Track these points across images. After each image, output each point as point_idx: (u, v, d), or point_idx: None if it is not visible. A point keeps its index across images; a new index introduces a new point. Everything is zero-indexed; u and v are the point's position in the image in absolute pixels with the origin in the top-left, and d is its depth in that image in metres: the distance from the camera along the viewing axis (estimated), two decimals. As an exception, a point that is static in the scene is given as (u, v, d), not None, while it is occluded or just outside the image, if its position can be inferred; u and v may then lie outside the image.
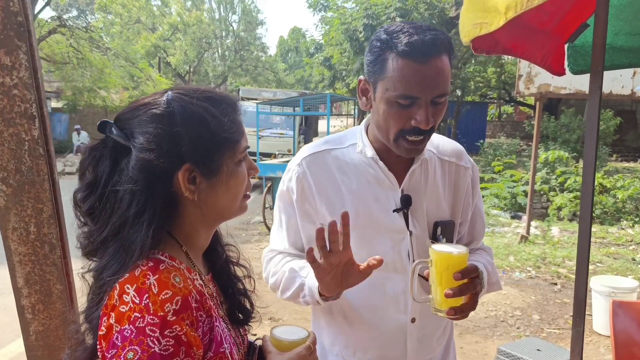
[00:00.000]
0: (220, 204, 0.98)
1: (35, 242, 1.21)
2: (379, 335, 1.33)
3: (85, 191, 0.92)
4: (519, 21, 1.06)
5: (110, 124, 0.93)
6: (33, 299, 1.25)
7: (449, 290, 1.10)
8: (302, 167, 1.34)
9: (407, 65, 1.15)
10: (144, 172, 0.88)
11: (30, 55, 1.09)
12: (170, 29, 36.14)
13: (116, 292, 0.86)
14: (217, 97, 0.97)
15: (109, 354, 0.83)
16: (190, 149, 0.91)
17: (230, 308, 1.08)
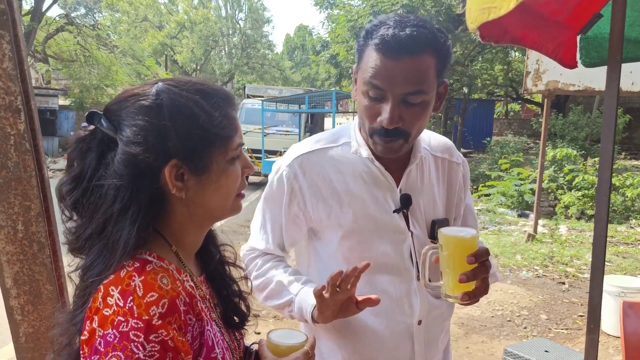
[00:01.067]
0: (210, 203, 0.93)
1: (23, 241, 1.17)
2: (386, 341, 1.28)
3: (70, 184, 0.88)
4: (529, 9, 1.01)
5: (99, 114, 0.88)
6: (22, 299, 1.21)
7: (462, 275, 1.06)
8: (293, 168, 1.29)
9: (377, 57, 1.12)
10: (130, 166, 0.84)
11: (15, 45, 1.05)
12: (177, 26, 36.25)
13: (100, 294, 0.82)
14: (209, 90, 0.91)
15: None
16: (177, 144, 0.86)
17: (224, 311, 1.03)
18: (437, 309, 1.32)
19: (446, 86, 1.23)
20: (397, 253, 1.26)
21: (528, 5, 0.81)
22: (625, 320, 2.72)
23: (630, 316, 2.72)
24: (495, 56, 19.04)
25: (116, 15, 34.53)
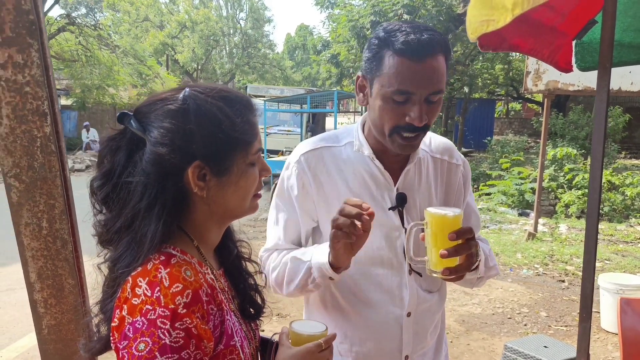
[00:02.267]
0: (229, 202, 0.99)
1: (47, 238, 1.23)
2: (376, 329, 1.34)
3: (101, 180, 0.94)
4: (526, 18, 1.06)
5: (130, 115, 0.94)
6: (45, 293, 1.28)
7: (444, 250, 1.11)
8: (302, 164, 1.35)
9: (402, 62, 1.18)
10: (156, 165, 0.90)
11: (42, 53, 1.11)
12: (178, 26, 36.27)
13: (129, 285, 0.88)
14: (232, 97, 0.98)
15: (121, 345, 0.85)
16: (201, 147, 0.92)
17: (241, 303, 1.10)
18: (426, 303, 1.37)
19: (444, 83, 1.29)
20: (390, 248, 1.32)
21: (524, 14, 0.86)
22: (622, 316, 2.77)
23: (628, 312, 2.77)
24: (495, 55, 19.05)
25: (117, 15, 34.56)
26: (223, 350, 0.94)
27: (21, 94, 1.12)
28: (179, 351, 0.84)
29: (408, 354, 1.36)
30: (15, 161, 1.16)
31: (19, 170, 1.17)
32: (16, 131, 1.15)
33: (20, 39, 1.09)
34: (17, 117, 1.14)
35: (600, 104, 0.90)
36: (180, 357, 0.84)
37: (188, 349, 0.85)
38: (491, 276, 1.44)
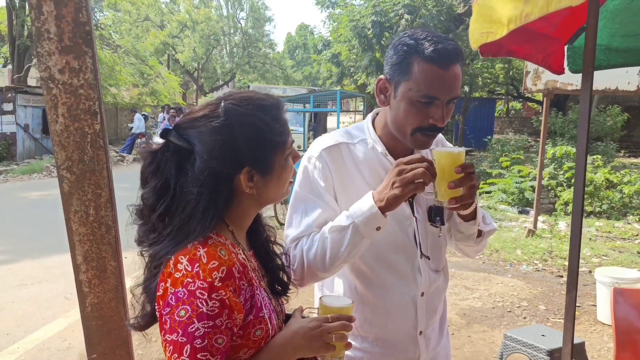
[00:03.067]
0: (272, 193, 1.14)
1: (93, 224, 1.37)
2: (394, 310, 1.47)
3: (157, 194, 1.06)
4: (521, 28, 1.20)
5: (171, 131, 1.07)
6: (90, 274, 1.41)
7: (451, 182, 1.26)
8: (324, 158, 1.45)
9: (432, 69, 1.29)
10: (209, 176, 1.03)
11: (93, 59, 1.25)
12: (179, 26, 36.37)
13: (172, 262, 1.02)
14: (267, 104, 1.11)
15: (164, 312, 0.98)
16: (248, 155, 1.06)
17: (270, 280, 1.24)
18: (436, 282, 1.51)
19: None
20: (403, 234, 1.45)
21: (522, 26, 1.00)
22: (615, 306, 2.91)
23: (620, 302, 2.90)
24: (495, 55, 19.15)
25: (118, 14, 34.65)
26: (253, 321, 1.07)
27: (75, 96, 1.26)
28: (214, 319, 0.97)
29: (422, 330, 1.50)
30: (68, 155, 1.31)
31: (71, 163, 1.31)
32: (70, 128, 1.29)
33: (77, 47, 1.23)
34: (71, 115, 1.28)
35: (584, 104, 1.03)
36: (214, 324, 0.97)
37: (221, 317, 0.98)
38: (490, 233, 1.56)
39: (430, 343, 1.53)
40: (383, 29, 16.15)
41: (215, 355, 0.96)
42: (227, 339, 0.99)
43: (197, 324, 0.95)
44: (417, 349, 1.50)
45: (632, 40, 1.68)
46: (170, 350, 0.96)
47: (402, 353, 1.49)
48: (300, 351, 1.13)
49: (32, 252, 6.89)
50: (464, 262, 6.78)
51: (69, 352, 4.03)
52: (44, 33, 1.19)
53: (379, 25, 16.00)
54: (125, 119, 24.62)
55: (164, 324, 0.99)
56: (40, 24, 1.19)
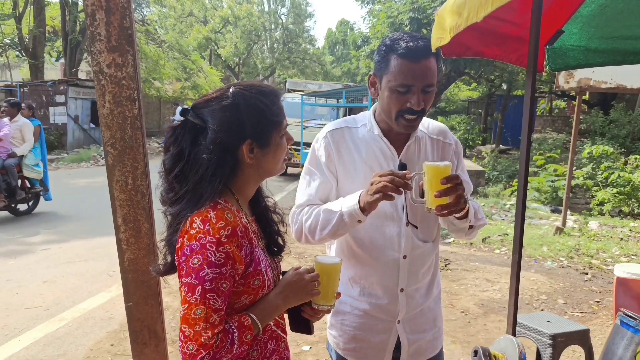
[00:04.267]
0: (268, 165, 1.38)
1: (131, 191, 1.66)
2: (379, 268, 1.73)
3: (173, 159, 1.32)
4: (489, 30, 1.41)
5: (189, 110, 1.34)
6: (127, 234, 1.71)
7: (437, 192, 1.48)
8: (328, 139, 1.73)
9: (404, 63, 1.56)
10: (218, 145, 1.28)
11: (134, 56, 1.54)
12: (222, 21, 37.04)
13: (188, 221, 1.27)
14: (267, 91, 1.37)
15: (181, 260, 1.23)
16: (250, 129, 1.31)
17: (267, 242, 1.49)
18: (419, 249, 1.74)
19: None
20: (392, 205, 1.70)
21: (487, 28, 1.19)
22: (617, 295, 3.02)
23: (620, 292, 3.02)
24: (536, 52, 18.79)
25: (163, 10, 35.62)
26: (252, 272, 1.31)
27: (119, 86, 1.55)
28: (220, 267, 1.21)
29: (403, 287, 1.74)
30: (112, 134, 1.60)
31: (114, 140, 1.61)
32: (114, 112, 1.58)
33: (121, 47, 1.52)
34: (115, 102, 1.57)
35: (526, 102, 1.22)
36: (220, 271, 1.21)
37: (226, 266, 1.22)
38: (480, 226, 1.79)
39: (412, 301, 1.77)
40: (421, 26, 16.16)
41: (221, 296, 1.21)
42: (230, 285, 1.24)
43: (207, 270, 1.19)
44: (397, 303, 1.74)
45: (609, 42, 1.84)
46: (185, 290, 1.21)
47: (384, 304, 1.75)
48: (289, 300, 1.37)
49: (79, 233, 7.43)
50: (489, 257, 6.89)
51: (110, 322, 4.43)
52: (96, 35, 1.49)
53: (417, 22, 16.02)
54: (168, 111, 25.43)
55: (181, 270, 1.23)
56: (94, 29, 1.49)
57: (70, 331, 4.24)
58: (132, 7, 1.51)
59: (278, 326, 1.44)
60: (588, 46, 1.83)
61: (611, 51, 1.86)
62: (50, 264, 5.99)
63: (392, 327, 1.76)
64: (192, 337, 1.17)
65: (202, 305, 1.18)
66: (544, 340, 3.21)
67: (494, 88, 19.33)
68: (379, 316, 1.76)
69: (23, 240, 7.01)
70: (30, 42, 20.13)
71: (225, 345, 1.21)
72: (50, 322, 4.39)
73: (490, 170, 13.50)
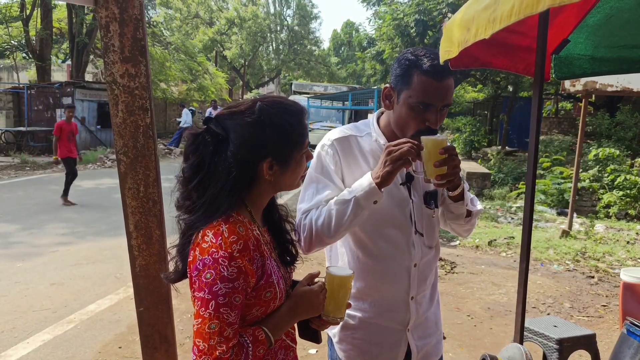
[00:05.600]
0: (286, 182, 1.39)
1: (143, 199, 1.69)
2: (389, 277, 1.74)
3: (193, 169, 1.31)
4: (496, 42, 1.43)
5: (213, 119, 1.34)
6: (139, 240, 1.73)
7: (436, 162, 1.51)
8: (334, 147, 1.72)
9: (427, 81, 1.56)
10: (240, 161, 1.28)
11: (146, 67, 1.57)
12: (227, 23, 37.14)
13: (200, 234, 1.28)
14: (293, 109, 1.37)
15: (194, 274, 1.24)
16: (273, 148, 1.31)
17: (280, 252, 1.49)
18: (427, 256, 1.76)
19: None
20: (401, 214, 1.71)
21: (495, 39, 1.21)
22: (624, 300, 3.03)
23: (627, 296, 3.02)
24: (542, 54, 18.72)
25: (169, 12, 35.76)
26: (263, 285, 1.31)
27: (132, 95, 1.58)
28: (233, 281, 1.21)
29: (414, 295, 1.76)
30: (125, 142, 1.63)
31: (127, 149, 1.64)
32: (127, 121, 1.61)
33: (134, 58, 1.55)
34: (128, 111, 1.60)
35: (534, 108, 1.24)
36: (233, 285, 1.21)
37: (239, 280, 1.22)
38: (478, 214, 1.81)
39: (420, 308, 1.79)
40: (426, 28, 16.17)
41: (234, 310, 1.22)
42: (242, 298, 1.25)
43: (219, 285, 1.19)
44: (408, 311, 1.76)
45: (615, 51, 1.86)
46: (198, 305, 1.22)
47: (396, 314, 1.76)
48: (301, 315, 1.39)
49: (87, 235, 7.48)
50: (495, 260, 6.89)
51: (118, 324, 4.47)
52: (110, 47, 1.52)
53: (422, 24, 16.03)
54: (173, 113, 25.55)
55: (193, 284, 1.24)
56: (107, 40, 1.52)
57: (79, 334, 4.28)
58: (144, 19, 1.54)
59: (288, 335, 1.46)
60: (594, 55, 1.85)
61: (617, 60, 1.88)
62: (58, 266, 6.04)
63: (402, 336, 1.78)
64: (207, 351, 1.18)
65: (216, 320, 1.19)
66: (550, 345, 3.22)
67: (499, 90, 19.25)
68: (390, 326, 1.77)
69: (31, 242, 7.07)
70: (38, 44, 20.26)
71: (240, 359, 1.22)
72: (59, 325, 4.43)
73: (495, 172, 13.47)
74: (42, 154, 16.77)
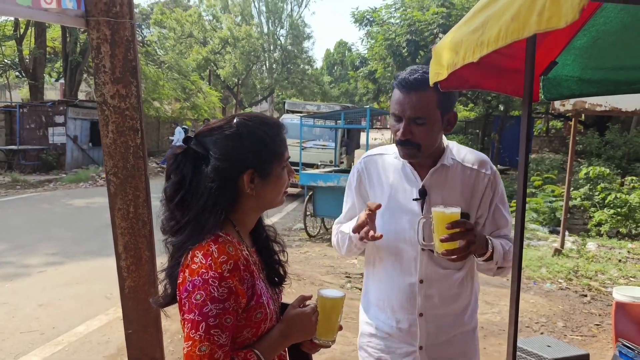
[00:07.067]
0: (268, 196, 1.38)
1: (133, 219, 1.68)
2: (398, 291, 1.77)
3: (175, 187, 1.31)
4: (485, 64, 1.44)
5: (192, 138, 1.35)
6: (128, 261, 1.72)
7: (442, 237, 1.53)
8: (362, 165, 1.89)
9: (396, 92, 1.68)
10: (220, 174, 1.28)
11: (137, 87, 1.57)
12: (221, 42, 37.34)
13: (189, 255, 1.26)
14: (270, 122, 1.39)
15: (183, 296, 1.23)
16: (253, 159, 1.31)
17: (268, 273, 1.48)
18: (436, 274, 1.75)
19: (455, 115, 1.73)
20: (411, 229, 1.73)
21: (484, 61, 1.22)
22: (616, 318, 3.03)
23: (620, 315, 3.02)
24: (532, 74, 18.96)
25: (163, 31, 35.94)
26: (254, 306, 1.30)
27: (123, 116, 1.58)
28: (223, 302, 1.20)
29: (422, 312, 1.76)
30: (115, 163, 1.63)
31: (117, 169, 1.63)
32: (117, 142, 1.61)
33: (125, 79, 1.56)
34: (119, 131, 1.60)
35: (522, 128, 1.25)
36: (224, 306, 1.20)
37: (229, 301, 1.21)
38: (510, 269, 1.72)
39: (434, 328, 1.77)
40: (418, 48, 16.38)
41: (225, 332, 1.20)
42: (233, 319, 1.23)
43: (210, 306, 1.17)
44: (416, 328, 1.76)
45: (601, 73, 1.88)
46: (188, 327, 1.20)
47: (404, 329, 1.78)
48: (293, 338, 1.38)
49: (77, 255, 7.40)
50: (487, 279, 6.86)
51: (107, 346, 4.40)
52: (101, 68, 1.53)
53: (414, 44, 16.24)
54: (167, 131, 25.53)
55: (183, 305, 1.23)
56: (98, 61, 1.52)
57: (67, 356, 4.21)
58: (136, 40, 1.55)
59: (280, 358, 1.44)
60: (582, 76, 1.87)
61: (604, 81, 1.91)
62: (46, 287, 5.96)
63: (413, 353, 1.78)
64: None
65: (206, 342, 1.17)
66: (543, 366, 3.20)
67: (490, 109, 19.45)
68: (400, 340, 1.79)
69: (20, 262, 6.98)
70: (31, 63, 20.29)
71: None
72: (47, 347, 4.36)
73: (488, 191, 13.51)
74: (33, 173, 16.66)
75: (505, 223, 1.85)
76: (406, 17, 16.96)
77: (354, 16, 22.38)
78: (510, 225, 1.86)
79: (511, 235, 1.85)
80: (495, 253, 1.68)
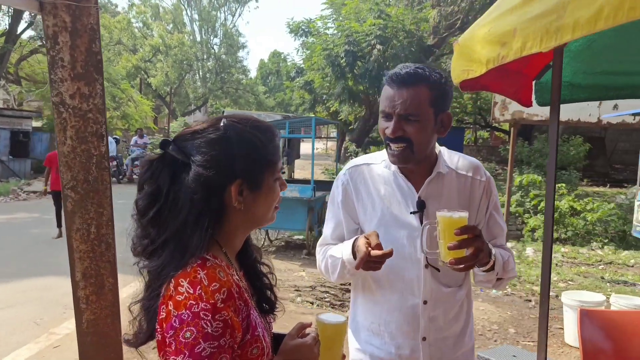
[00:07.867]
0: (258, 211, 1.17)
1: (94, 241, 1.42)
2: (398, 313, 1.60)
3: (148, 199, 1.09)
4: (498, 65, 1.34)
5: (170, 142, 1.14)
6: (88, 290, 1.45)
7: (450, 244, 1.37)
8: (347, 176, 1.70)
9: (385, 89, 1.56)
10: (203, 185, 1.07)
11: (102, 85, 1.33)
12: (152, 50, 36.27)
13: (171, 285, 1.04)
14: (263, 127, 1.18)
15: (167, 334, 1.00)
16: (242, 167, 1.11)
17: (258, 299, 1.27)
18: (441, 294, 1.61)
19: (449, 116, 1.59)
20: (410, 245, 1.58)
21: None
22: (582, 327, 3.04)
23: (586, 323, 3.03)
24: (464, 86, 19.69)
25: (90, 37, 34.31)
26: (249, 340, 1.10)
27: (84, 119, 1.33)
28: (218, 339, 0.99)
29: (425, 336, 1.60)
30: (74, 175, 1.36)
31: (76, 182, 1.37)
32: (77, 150, 1.35)
33: (88, 75, 1.31)
34: (79, 138, 1.34)
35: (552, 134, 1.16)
36: (219, 344, 0.99)
37: (225, 337, 1.00)
38: (510, 278, 1.69)
39: (437, 353, 1.62)
40: (356, 58, 16.55)
41: None
42: (229, 357, 1.02)
43: (203, 345, 0.98)
44: (419, 354, 1.61)
45: (591, 78, 1.85)
46: None
47: (406, 355, 1.62)
48: None
49: (3, 276, 6.72)
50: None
51: (40, 379, 3.95)
52: (58, 61, 1.27)
53: (352, 55, 16.39)
54: (95, 142, 24.24)
55: (168, 346, 1.00)
56: (55, 53, 1.27)
57: (-8, 393, 3.73)
58: (100, 30, 1.30)
59: None
60: (572, 81, 1.83)
61: (593, 87, 1.87)
62: (-34, 314, 5.34)
63: None
64: None
65: None
66: (512, 376, 3.17)
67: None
68: None
69: None
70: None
71: None
72: (-32, 383, 3.86)
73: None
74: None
75: (501, 231, 1.75)
76: (344, 28, 17.11)
77: (290, 26, 22.37)
78: (504, 234, 1.77)
79: (505, 244, 1.77)
80: (496, 263, 1.56)
